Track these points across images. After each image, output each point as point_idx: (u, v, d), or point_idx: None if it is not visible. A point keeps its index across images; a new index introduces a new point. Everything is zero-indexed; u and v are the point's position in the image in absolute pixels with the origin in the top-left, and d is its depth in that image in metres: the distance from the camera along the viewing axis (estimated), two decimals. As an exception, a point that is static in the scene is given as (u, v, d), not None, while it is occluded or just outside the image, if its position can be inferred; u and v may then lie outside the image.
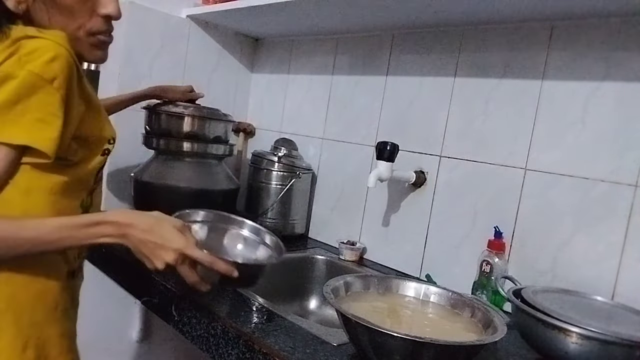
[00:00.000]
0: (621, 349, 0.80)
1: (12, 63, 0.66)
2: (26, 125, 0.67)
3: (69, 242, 0.71)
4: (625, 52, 1.02)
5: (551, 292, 0.98)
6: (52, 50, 0.67)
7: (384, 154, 1.24)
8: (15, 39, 0.67)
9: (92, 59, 0.82)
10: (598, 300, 0.97)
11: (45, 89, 0.67)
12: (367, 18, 1.36)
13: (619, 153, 1.02)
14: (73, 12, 0.75)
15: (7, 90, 0.65)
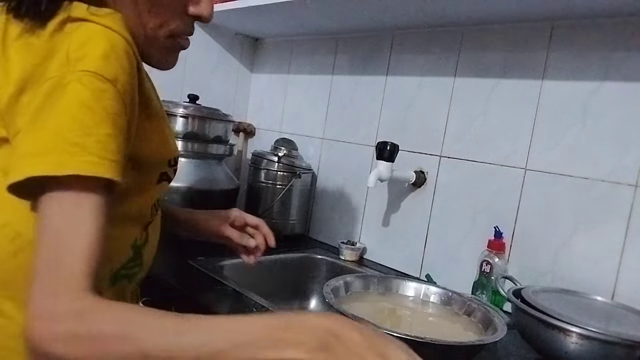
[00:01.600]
0: (621, 348, 0.80)
1: (59, 63, 0.51)
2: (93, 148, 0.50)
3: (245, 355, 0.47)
4: (625, 52, 1.02)
5: (551, 292, 0.98)
6: (105, 40, 0.52)
7: (384, 154, 1.24)
8: (60, 23, 0.53)
9: (162, 65, 0.67)
10: (598, 300, 0.97)
11: (108, 93, 0.51)
12: (367, 18, 1.36)
13: (619, 153, 1.02)
14: (162, 6, 0.62)
15: (62, 106, 0.49)
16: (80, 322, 0.46)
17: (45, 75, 0.51)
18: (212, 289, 1.04)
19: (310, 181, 1.61)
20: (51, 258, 0.48)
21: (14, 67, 0.54)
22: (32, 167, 0.48)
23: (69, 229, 0.49)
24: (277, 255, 1.35)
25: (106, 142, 0.51)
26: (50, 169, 0.48)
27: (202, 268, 1.15)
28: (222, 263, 1.23)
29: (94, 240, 0.50)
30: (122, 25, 0.55)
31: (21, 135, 0.51)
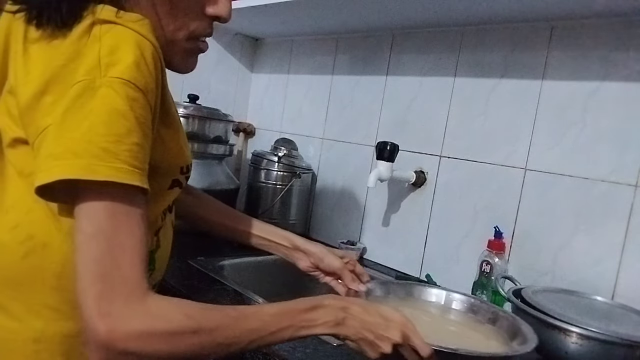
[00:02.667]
0: (621, 348, 0.80)
1: (90, 66, 0.50)
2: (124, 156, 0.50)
3: (288, 334, 0.58)
4: (625, 52, 1.02)
5: (551, 292, 0.98)
6: (137, 46, 0.52)
7: (384, 154, 1.24)
8: (88, 26, 0.52)
9: (182, 68, 0.67)
10: (598, 300, 0.97)
11: (139, 102, 0.52)
12: (367, 18, 1.36)
13: (619, 153, 1.02)
14: (180, 9, 0.61)
15: (92, 110, 0.49)
16: (156, 320, 0.49)
17: (73, 77, 0.50)
18: (212, 289, 1.04)
19: (310, 181, 1.61)
20: (107, 261, 0.49)
21: (36, 67, 0.54)
22: (62, 169, 0.49)
23: (120, 233, 0.50)
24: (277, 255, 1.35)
25: (136, 152, 0.51)
26: (82, 172, 0.48)
27: (202, 268, 1.15)
28: (222, 263, 1.23)
29: (143, 243, 0.52)
30: (150, 31, 0.55)
31: (47, 135, 0.51)
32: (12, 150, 0.58)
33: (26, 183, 0.58)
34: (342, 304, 0.63)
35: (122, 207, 0.51)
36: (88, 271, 0.49)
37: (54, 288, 0.59)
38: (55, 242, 0.58)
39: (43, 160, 0.50)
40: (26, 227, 0.59)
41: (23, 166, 0.58)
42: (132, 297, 0.49)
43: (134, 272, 0.50)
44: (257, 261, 1.30)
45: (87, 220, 0.50)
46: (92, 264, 0.49)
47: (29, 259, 0.59)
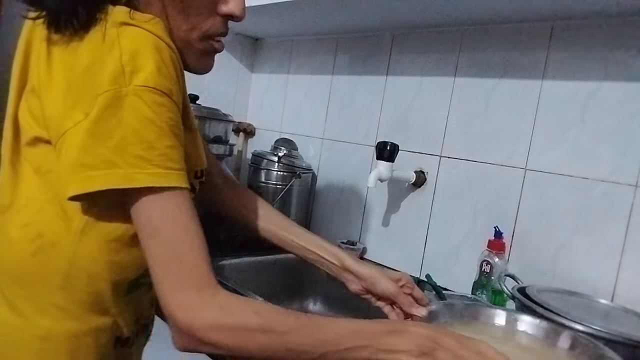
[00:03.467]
0: (625, 348, 0.80)
1: (114, 74, 0.51)
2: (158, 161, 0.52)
3: (364, 354, 0.55)
4: (625, 52, 1.02)
5: (554, 292, 0.97)
6: (155, 50, 0.52)
7: (384, 154, 1.24)
8: (104, 28, 0.53)
9: (199, 69, 0.67)
10: (600, 302, 0.97)
11: (166, 106, 0.52)
12: (367, 18, 1.36)
13: (619, 153, 1.02)
14: (191, 8, 0.60)
15: (122, 120, 0.50)
16: (227, 314, 0.52)
17: (96, 83, 0.51)
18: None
19: (310, 181, 1.61)
20: (172, 258, 0.52)
21: (58, 71, 0.54)
22: (104, 179, 0.51)
23: (176, 231, 0.53)
24: (277, 255, 1.35)
25: (170, 154, 0.53)
26: (122, 182, 0.51)
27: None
28: (222, 263, 1.23)
29: (201, 236, 0.54)
30: (164, 31, 0.55)
31: (74, 142, 0.52)
32: (32, 148, 0.59)
33: (42, 180, 0.59)
34: (431, 333, 0.57)
35: (169, 207, 0.53)
36: (158, 268, 0.52)
37: (62, 287, 0.60)
38: (64, 241, 0.59)
39: (76, 168, 0.52)
40: (36, 226, 0.59)
41: (41, 164, 0.59)
42: (203, 290, 0.52)
43: (198, 265, 0.53)
44: (257, 261, 1.30)
45: (142, 223, 0.53)
46: (159, 262, 0.53)
47: (38, 258, 0.59)
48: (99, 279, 0.60)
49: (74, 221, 0.58)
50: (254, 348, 0.52)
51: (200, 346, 0.52)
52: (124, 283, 0.63)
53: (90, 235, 0.58)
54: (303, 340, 0.54)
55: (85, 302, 0.61)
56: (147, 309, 0.71)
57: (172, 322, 0.52)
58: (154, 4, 0.59)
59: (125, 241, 0.60)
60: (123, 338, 0.67)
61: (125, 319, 0.66)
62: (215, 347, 0.52)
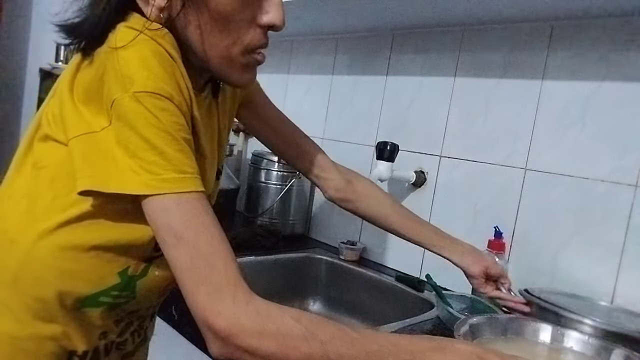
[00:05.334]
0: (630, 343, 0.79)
1: (115, 82, 0.52)
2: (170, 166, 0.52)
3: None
4: (625, 52, 1.02)
5: (554, 294, 0.97)
6: (151, 54, 0.52)
7: (384, 154, 1.24)
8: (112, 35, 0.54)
9: (242, 83, 0.66)
10: (599, 304, 0.97)
11: (168, 110, 0.52)
12: (367, 18, 1.36)
13: (619, 153, 1.01)
14: (230, 22, 0.58)
15: (131, 127, 0.51)
16: (267, 321, 0.51)
17: (108, 92, 0.52)
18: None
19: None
20: (201, 264, 0.51)
21: (80, 82, 0.56)
22: (124, 183, 0.51)
23: (200, 235, 0.52)
24: (277, 255, 1.35)
25: (181, 158, 0.52)
26: (143, 189, 0.51)
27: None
28: (222, 263, 1.23)
29: (224, 239, 0.54)
30: (171, 44, 0.55)
31: (100, 147, 0.53)
32: (41, 143, 0.60)
33: (34, 175, 0.60)
34: (477, 351, 0.55)
35: (189, 213, 0.52)
36: (188, 278, 0.51)
37: (10, 287, 0.60)
38: (23, 241, 0.58)
39: (94, 167, 0.53)
40: (5, 220, 0.60)
41: (40, 159, 0.60)
42: (238, 296, 0.51)
43: (229, 271, 0.52)
44: (257, 261, 1.30)
45: (163, 231, 0.52)
46: (188, 270, 0.51)
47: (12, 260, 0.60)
48: (46, 285, 0.59)
49: (40, 222, 0.58)
50: (295, 356, 0.51)
51: (239, 352, 0.51)
52: (74, 295, 0.60)
53: (49, 238, 0.58)
54: (345, 350, 0.52)
55: (30, 306, 0.60)
56: (114, 326, 0.67)
57: (208, 329, 0.50)
58: (191, 23, 0.57)
59: (85, 250, 0.58)
60: (79, 353, 0.64)
61: (80, 333, 0.62)
62: (255, 354, 0.50)
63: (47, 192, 0.58)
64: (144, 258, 0.63)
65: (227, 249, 0.53)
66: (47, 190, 0.58)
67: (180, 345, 0.98)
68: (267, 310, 0.52)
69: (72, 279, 0.59)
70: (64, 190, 0.57)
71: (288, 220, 1.55)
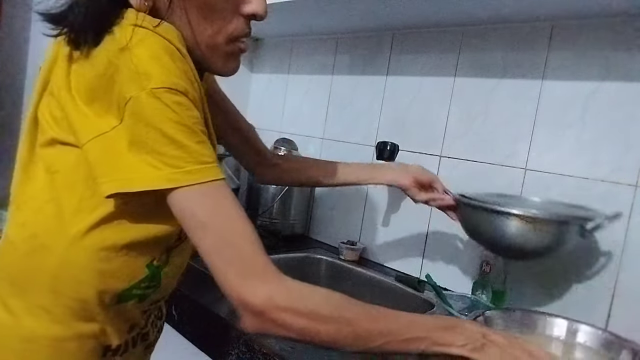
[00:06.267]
0: (553, 225, 0.89)
1: (130, 79, 0.52)
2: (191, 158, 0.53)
3: (422, 345, 0.59)
4: (625, 52, 1.02)
5: (489, 195, 1.05)
6: (164, 51, 0.53)
7: (384, 154, 1.24)
8: (116, 32, 0.54)
9: (226, 71, 0.67)
10: (532, 199, 1.08)
11: (184, 105, 0.53)
12: (367, 18, 1.36)
13: (619, 153, 1.02)
14: (214, 12, 0.60)
15: (149, 124, 0.52)
16: (299, 299, 0.55)
17: (120, 90, 0.52)
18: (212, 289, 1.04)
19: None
20: (228, 248, 0.54)
21: (77, 74, 0.55)
22: (145, 180, 0.52)
23: (224, 221, 0.55)
24: (277, 255, 1.35)
25: (200, 149, 0.54)
26: (164, 183, 0.52)
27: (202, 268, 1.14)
28: (222, 263, 1.23)
29: (248, 222, 0.56)
30: (177, 38, 0.55)
31: (114, 147, 0.53)
32: (47, 149, 0.59)
33: (49, 180, 0.59)
34: (483, 331, 0.62)
35: (213, 201, 0.55)
36: (218, 262, 0.54)
37: (49, 290, 0.60)
38: (56, 245, 0.59)
39: (117, 168, 0.53)
40: (32, 226, 0.60)
41: (52, 163, 0.59)
42: (269, 275, 0.54)
43: (256, 252, 0.55)
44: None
45: (189, 221, 0.54)
46: (216, 254, 0.55)
47: (30, 258, 0.60)
48: (86, 286, 0.60)
49: (71, 226, 0.58)
50: (324, 333, 0.55)
51: (273, 327, 0.54)
52: (112, 292, 0.62)
53: (84, 241, 0.58)
54: (369, 328, 0.57)
55: (71, 308, 0.60)
56: (141, 318, 0.70)
57: (243, 307, 0.54)
58: (176, 12, 0.59)
59: (117, 250, 0.59)
60: (113, 347, 0.66)
61: (114, 328, 0.64)
62: (287, 329, 0.54)
63: (70, 196, 0.58)
64: (167, 248, 0.65)
65: (252, 232, 0.56)
66: (71, 194, 0.58)
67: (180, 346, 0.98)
68: (298, 289, 0.56)
69: (109, 277, 0.60)
70: (86, 193, 0.57)
71: (288, 220, 1.55)
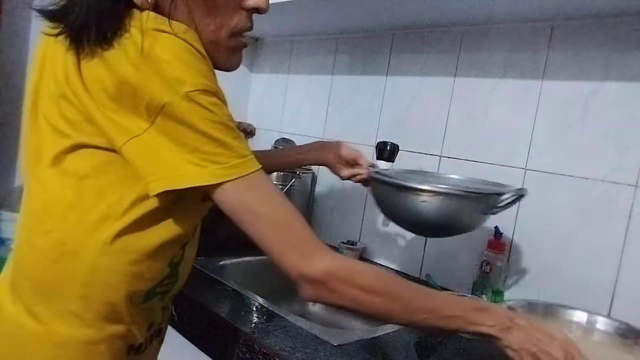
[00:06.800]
0: (462, 200, 0.91)
1: (163, 85, 0.52)
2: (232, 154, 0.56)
3: (457, 323, 0.64)
4: (625, 52, 1.02)
5: (406, 172, 1.10)
6: (191, 55, 0.54)
7: (384, 154, 1.24)
8: (141, 36, 0.53)
9: (228, 66, 0.68)
10: (448, 176, 1.10)
11: (218, 104, 0.55)
12: (367, 18, 1.36)
13: (619, 153, 1.02)
14: (217, 7, 0.61)
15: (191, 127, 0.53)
16: (353, 272, 0.61)
17: (152, 98, 0.52)
18: (212, 289, 1.04)
19: (310, 181, 1.61)
20: (282, 232, 0.59)
21: (95, 84, 0.54)
22: (194, 177, 0.54)
23: (273, 207, 0.59)
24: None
25: (238, 144, 0.57)
26: (211, 179, 0.55)
27: (202, 268, 1.15)
28: (222, 263, 1.23)
29: (292, 206, 0.60)
30: (198, 42, 0.56)
31: (152, 149, 0.54)
32: (70, 155, 0.58)
33: (71, 185, 0.58)
34: (509, 314, 0.67)
35: (259, 190, 0.58)
36: (275, 246, 0.59)
37: (80, 296, 0.60)
38: (87, 252, 0.58)
39: (159, 170, 0.55)
40: (59, 233, 0.59)
41: (79, 168, 0.58)
42: (322, 252, 0.60)
43: (306, 231, 0.60)
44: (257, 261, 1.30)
45: (241, 212, 0.58)
46: (274, 239, 0.59)
47: (58, 265, 0.59)
48: (115, 290, 0.60)
49: (99, 232, 0.58)
50: (375, 305, 0.61)
51: (330, 296, 0.60)
52: (139, 293, 0.63)
53: (113, 246, 0.58)
54: (414, 304, 0.62)
55: (100, 311, 0.61)
56: (159, 315, 0.71)
57: (304, 280, 0.60)
58: (179, 8, 0.59)
59: (146, 253, 0.60)
60: (136, 345, 0.67)
61: (138, 327, 0.66)
62: (343, 298, 0.60)
63: (97, 202, 0.57)
64: (183, 245, 0.67)
65: (299, 213, 0.60)
66: (97, 200, 0.57)
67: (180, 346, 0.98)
68: (353, 263, 0.63)
69: (137, 279, 0.61)
70: (113, 198, 0.57)
71: (288, 220, 1.55)
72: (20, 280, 0.62)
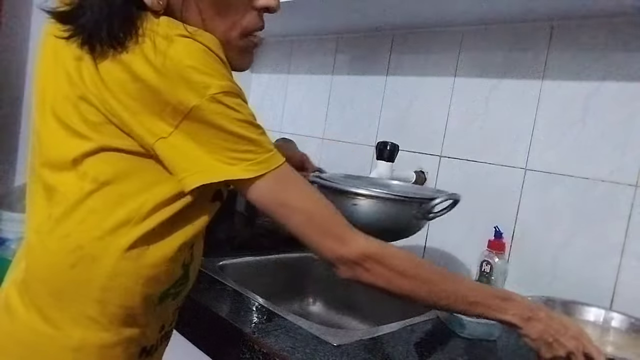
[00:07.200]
0: (394, 204, 0.96)
1: (189, 89, 0.53)
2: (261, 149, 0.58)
3: (479, 310, 0.67)
4: (625, 52, 1.02)
5: (344, 177, 1.12)
6: (212, 58, 0.55)
7: (384, 154, 1.24)
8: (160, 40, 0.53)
9: (241, 67, 0.67)
10: (395, 184, 1.15)
11: (243, 104, 0.57)
12: (367, 18, 1.36)
13: (619, 153, 1.02)
14: (228, 7, 0.61)
15: (219, 128, 0.55)
16: (385, 254, 0.64)
17: (179, 102, 0.53)
18: (212, 289, 1.04)
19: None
20: (316, 220, 0.62)
21: (116, 86, 0.54)
22: (227, 172, 0.57)
23: (305, 197, 0.62)
24: (277, 255, 1.35)
25: (264, 139, 0.59)
26: (243, 173, 0.57)
27: (202, 268, 1.15)
28: (222, 263, 1.23)
29: (321, 195, 0.63)
30: (217, 45, 0.57)
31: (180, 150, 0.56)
32: (90, 158, 0.57)
33: (90, 189, 0.57)
34: (530, 305, 0.70)
35: (286, 182, 0.61)
36: (311, 233, 0.61)
37: (97, 300, 0.60)
38: (106, 257, 0.58)
39: (191, 166, 0.56)
40: (77, 237, 0.59)
41: (100, 172, 0.57)
42: (356, 237, 0.63)
43: (338, 218, 0.63)
44: (257, 261, 1.30)
45: (273, 205, 0.60)
46: (309, 228, 0.61)
47: (77, 269, 0.59)
48: (132, 294, 0.60)
49: (118, 238, 0.58)
50: (405, 286, 0.64)
51: (365, 275, 0.63)
52: (154, 296, 0.63)
53: (134, 251, 0.58)
54: (443, 288, 0.65)
55: (117, 315, 0.61)
56: (170, 316, 0.71)
57: (340, 262, 0.62)
58: (190, 10, 0.59)
59: (166, 256, 0.61)
60: (148, 347, 0.67)
61: (152, 329, 0.66)
62: (376, 278, 0.63)
63: (117, 207, 0.57)
64: (191, 246, 0.68)
65: (326, 200, 0.63)
66: (117, 205, 0.57)
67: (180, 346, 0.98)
68: (385, 247, 0.65)
69: (154, 283, 0.62)
70: (134, 204, 0.57)
71: (288, 220, 1.55)
72: (34, 284, 0.61)
